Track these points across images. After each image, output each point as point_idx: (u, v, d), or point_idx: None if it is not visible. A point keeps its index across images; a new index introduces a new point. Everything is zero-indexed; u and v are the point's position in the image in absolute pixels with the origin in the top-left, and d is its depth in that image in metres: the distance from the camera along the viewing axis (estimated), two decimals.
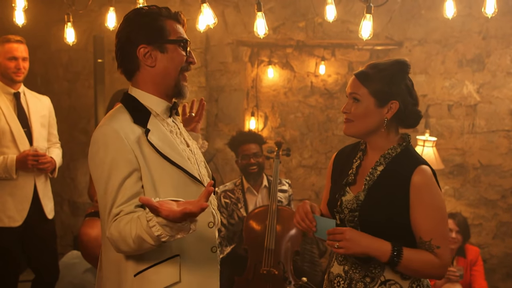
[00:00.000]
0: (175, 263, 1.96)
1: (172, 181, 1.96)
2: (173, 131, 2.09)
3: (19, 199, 3.69)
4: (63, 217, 5.95)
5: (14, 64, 3.71)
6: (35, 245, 3.85)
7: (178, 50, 2.04)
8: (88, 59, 5.58)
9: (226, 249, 4.15)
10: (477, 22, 5.10)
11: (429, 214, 1.99)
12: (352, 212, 2.07)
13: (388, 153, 2.10)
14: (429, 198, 2.00)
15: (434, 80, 5.23)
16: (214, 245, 2.05)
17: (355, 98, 2.09)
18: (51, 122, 3.98)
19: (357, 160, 2.19)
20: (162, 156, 1.94)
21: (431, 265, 1.99)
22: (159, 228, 1.75)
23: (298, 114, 5.78)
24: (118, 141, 1.90)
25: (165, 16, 2.06)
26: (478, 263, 4.30)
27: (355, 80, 2.10)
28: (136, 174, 1.91)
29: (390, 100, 2.07)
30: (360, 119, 2.08)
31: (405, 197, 2.00)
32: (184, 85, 2.07)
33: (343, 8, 5.20)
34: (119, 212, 1.86)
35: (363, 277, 2.07)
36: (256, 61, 5.78)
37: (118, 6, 4.09)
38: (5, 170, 3.59)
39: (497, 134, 5.17)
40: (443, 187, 5.26)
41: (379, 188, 2.06)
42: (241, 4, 5.46)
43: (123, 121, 1.97)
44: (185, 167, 1.98)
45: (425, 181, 2.00)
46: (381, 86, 2.06)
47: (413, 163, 2.04)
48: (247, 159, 4.27)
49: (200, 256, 2.01)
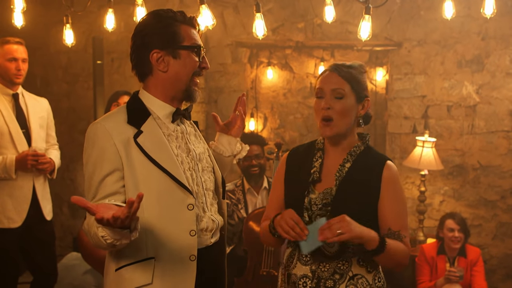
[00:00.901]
0: (150, 265, 1.97)
1: (157, 185, 1.97)
2: (173, 135, 2.08)
3: (18, 200, 3.68)
4: (63, 218, 5.95)
5: (15, 65, 3.70)
6: (33, 247, 3.84)
7: (191, 56, 2.07)
8: (87, 61, 5.58)
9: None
10: (476, 23, 5.10)
11: (397, 205, 2.11)
12: (324, 207, 2.10)
13: (353, 151, 2.17)
14: (397, 191, 2.12)
15: (433, 80, 5.23)
16: (193, 254, 2.01)
17: (339, 95, 2.11)
18: (49, 124, 3.98)
19: (318, 159, 2.21)
20: (149, 158, 1.96)
21: (404, 254, 2.09)
22: (102, 230, 1.77)
23: (297, 115, 5.78)
24: (105, 140, 1.94)
25: (180, 21, 2.08)
26: (479, 264, 4.29)
27: (334, 75, 2.12)
28: (118, 174, 1.94)
29: (365, 97, 2.16)
30: (342, 117, 2.10)
31: (377, 190, 2.10)
32: (194, 90, 2.10)
33: (342, 9, 5.20)
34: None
35: (332, 275, 2.09)
36: (255, 62, 5.78)
37: (117, 7, 4.10)
38: (4, 170, 3.59)
39: (497, 135, 5.17)
40: (442, 188, 5.27)
41: (350, 183, 2.11)
42: (240, 5, 5.46)
43: (117, 120, 2.01)
44: (172, 172, 1.98)
45: (393, 175, 2.12)
46: (358, 83, 2.14)
47: (381, 159, 2.16)
48: (249, 161, 4.27)
49: (176, 262, 1.99)
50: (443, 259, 4.31)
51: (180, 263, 2.00)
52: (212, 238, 2.14)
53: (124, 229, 1.75)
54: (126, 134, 1.96)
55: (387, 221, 2.10)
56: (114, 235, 1.76)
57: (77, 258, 4.61)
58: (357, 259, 2.11)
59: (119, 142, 1.94)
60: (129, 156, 1.95)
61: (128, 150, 1.95)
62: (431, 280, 4.29)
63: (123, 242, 1.81)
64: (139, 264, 1.98)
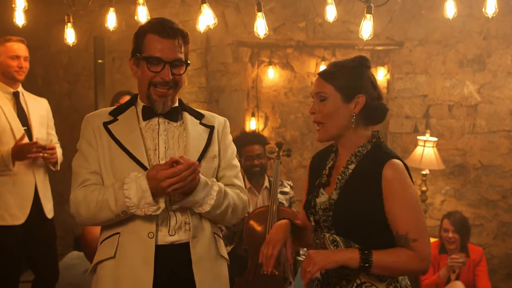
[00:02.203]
0: (115, 240, 2.15)
1: (121, 165, 2.14)
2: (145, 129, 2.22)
3: (21, 197, 3.68)
4: (64, 217, 5.94)
5: (17, 62, 3.72)
6: (35, 245, 3.84)
7: (144, 67, 2.15)
8: (88, 60, 5.58)
9: (226, 248, 4.14)
10: (478, 22, 5.09)
11: (402, 207, 1.96)
12: (326, 212, 2.06)
13: (358, 151, 2.08)
14: (401, 191, 1.97)
15: (434, 80, 5.22)
16: (151, 231, 2.11)
17: (322, 98, 2.07)
18: (49, 123, 3.98)
19: (330, 161, 2.19)
20: (115, 141, 2.16)
21: (408, 261, 1.96)
22: (130, 193, 2.02)
23: (298, 115, 5.78)
24: (86, 127, 2.22)
25: (150, 30, 2.16)
26: (482, 263, 4.28)
27: (320, 79, 2.10)
28: (95, 154, 2.18)
29: (356, 94, 2.06)
30: (329, 119, 2.07)
31: (378, 192, 1.98)
32: (154, 100, 2.18)
33: (344, 9, 5.20)
34: (86, 179, 2.16)
35: (339, 281, 2.06)
36: (256, 61, 5.78)
37: (118, 6, 4.10)
38: (2, 162, 3.58)
39: (498, 135, 5.16)
40: (444, 188, 5.26)
41: (351, 186, 2.04)
42: (241, 5, 5.46)
43: (101, 112, 2.28)
44: (134, 153, 2.14)
45: (396, 174, 1.98)
46: (345, 81, 2.06)
47: (383, 158, 2.02)
48: (250, 160, 4.27)
49: (136, 237, 2.12)
50: (445, 258, 4.30)
51: (140, 240, 2.11)
52: (172, 237, 2.15)
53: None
54: (100, 121, 2.20)
55: (394, 224, 1.98)
56: (138, 200, 2.02)
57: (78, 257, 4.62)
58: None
59: (95, 127, 2.20)
60: (101, 139, 2.17)
61: (100, 134, 2.18)
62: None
63: (137, 213, 2.05)
64: (107, 239, 2.17)
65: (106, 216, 2.08)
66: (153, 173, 2.01)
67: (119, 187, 2.05)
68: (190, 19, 5.34)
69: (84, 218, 2.14)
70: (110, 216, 2.08)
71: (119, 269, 2.11)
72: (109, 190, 2.07)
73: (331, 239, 2.06)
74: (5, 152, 3.60)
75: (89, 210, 2.10)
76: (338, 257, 1.95)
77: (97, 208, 2.08)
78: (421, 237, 1.97)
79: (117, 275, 2.11)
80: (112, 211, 2.06)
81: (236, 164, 2.38)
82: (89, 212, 2.11)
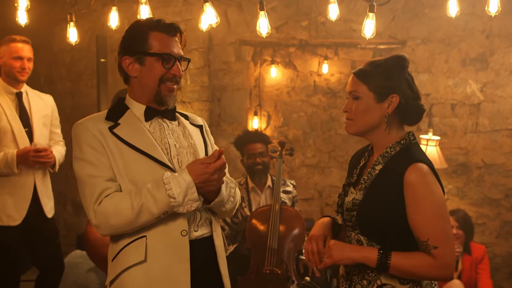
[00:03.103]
0: (142, 244, 2.07)
1: (139, 168, 2.08)
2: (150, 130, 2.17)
3: (19, 198, 3.69)
4: (66, 216, 5.96)
5: (20, 64, 3.71)
6: (38, 244, 3.85)
7: (156, 63, 2.13)
8: (90, 59, 5.59)
9: (229, 247, 4.15)
10: (481, 21, 5.08)
11: (424, 212, 1.92)
12: (349, 212, 2.06)
13: (386, 152, 2.06)
14: (424, 196, 1.92)
15: (437, 79, 5.21)
16: (184, 229, 2.10)
17: (355, 96, 2.07)
18: (53, 122, 3.98)
19: (363, 161, 2.18)
20: (127, 144, 2.08)
21: (426, 267, 1.92)
22: (173, 192, 1.98)
23: (301, 114, 5.78)
24: (85, 133, 2.10)
25: (152, 28, 2.15)
26: (484, 262, 4.28)
27: (354, 78, 2.09)
28: (107, 160, 2.08)
29: (390, 94, 2.03)
30: (360, 117, 2.06)
31: (400, 196, 1.95)
32: (165, 95, 2.17)
33: (346, 7, 5.19)
34: (106, 188, 2.04)
35: (361, 280, 2.06)
36: (259, 60, 5.78)
37: (120, 5, 4.10)
38: (6, 165, 3.59)
39: (501, 133, 5.15)
40: (446, 186, 5.25)
41: (376, 187, 2.03)
42: (243, 3, 5.45)
43: (95, 118, 2.16)
44: (151, 153, 2.09)
45: (419, 178, 1.93)
46: (379, 81, 2.04)
47: (408, 160, 1.98)
48: (253, 159, 4.27)
49: (167, 238, 2.08)
50: None
51: (172, 239, 2.08)
52: (196, 233, 2.16)
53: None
54: (102, 127, 2.10)
55: (415, 230, 1.95)
56: (183, 198, 2.00)
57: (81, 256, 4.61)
58: None
59: (98, 133, 2.09)
60: (108, 145, 2.07)
61: (106, 139, 2.08)
62: None
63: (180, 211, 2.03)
64: (131, 244, 2.08)
65: (145, 220, 2.02)
66: (201, 168, 2.02)
67: (156, 188, 2.00)
68: (192, 18, 5.34)
69: (116, 227, 2.04)
70: (149, 219, 2.02)
71: (152, 272, 2.06)
72: (145, 194, 2.00)
73: (356, 238, 2.07)
74: (9, 155, 3.60)
75: (124, 219, 2.01)
76: (355, 255, 1.98)
77: (134, 214, 2.00)
78: (444, 245, 1.92)
79: (150, 280, 2.06)
80: (152, 214, 2.01)
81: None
82: (123, 220, 2.01)
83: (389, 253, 1.94)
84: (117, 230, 2.06)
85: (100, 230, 2.07)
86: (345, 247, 2.01)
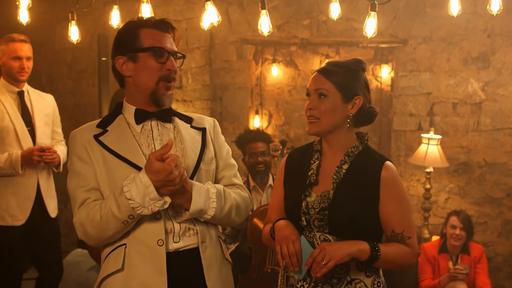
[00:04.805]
0: (121, 252, 2.04)
1: (121, 175, 2.00)
2: (140, 135, 2.11)
3: (22, 198, 3.69)
4: (68, 215, 5.96)
5: (18, 63, 3.70)
6: (39, 244, 3.85)
7: (149, 59, 2.06)
8: (92, 58, 5.59)
9: (230, 247, 4.15)
10: (482, 20, 5.08)
11: (399, 207, 2.07)
12: (322, 211, 2.07)
13: (351, 151, 2.13)
14: (398, 192, 2.08)
15: (438, 78, 5.21)
16: (161, 239, 2.02)
17: (321, 94, 2.10)
18: (55, 121, 3.98)
19: (315, 161, 2.19)
20: (110, 152, 2.04)
21: (405, 255, 2.08)
22: (132, 194, 1.91)
23: (302, 112, 5.77)
24: (74, 143, 2.09)
25: (143, 25, 2.09)
26: (482, 261, 4.30)
27: (320, 75, 2.12)
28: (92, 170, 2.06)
29: (355, 96, 2.10)
30: (326, 116, 2.09)
31: (375, 193, 2.06)
32: (162, 94, 2.09)
33: (348, 6, 5.19)
34: (86, 198, 2.04)
35: (329, 279, 2.06)
36: (260, 59, 5.78)
37: (122, 4, 4.10)
38: (10, 166, 3.59)
39: (502, 132, 5.15)
40: (448, 185, 5.26)
41: (347, 185, 2.08)
42: (245, 2, 5.45)
43: (87, 127, 2.14)
44: (134, 161, 2.03)
45: (392, 176, 2.08)
46: (346, 81, 2.09)
47: (379, 160, 2.11)
48: (254, 158, 4.27)
49: (145, 247, 2.02)
50: (445, 257, 4.31)
51: (148, 248, 2.02)
52: (177, 244, 2.07)
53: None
54: (89, 135, 2.08)
55: (390, 224, 2.08)
56: (142, 199, 1.91)
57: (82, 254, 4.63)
58: (356, 264, 2.07)
59: (85, 142, 2.07)
60: (94, 153, 2.05)
61: (92, 149, 2.06)
62: (434, 279, 4.29)
63: (143, 213, 1.94)
64: (113, 252, 2.06)
65: (113, 226, 1.96)
66: (158, 165, 1.90)
67: (120, 193, 1.94)
68: (194, 17, 5.34)
69: (93, 236, 2.01)
70: (117, 225, 1.96)
71: (129, 281, 2.01)
72: (110, 199, 1.96)
73: (323, 238, 2.07)
74: (14, 155, 3.61)
75: (95, 226, 1.98)
76: (352, 249, 2.00)
77: (103, 221, 1.96)
78: (414, 235, 2.10)
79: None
80: (117, 219, 1.94)
81: (233, 163, 2.35)
82: (95, 228, 1.98)
83: (378, 246, 2.02)
84: (97, 239, 2.03)
85: (86, 240, 2.07)
86: (339, 245, 2.01)
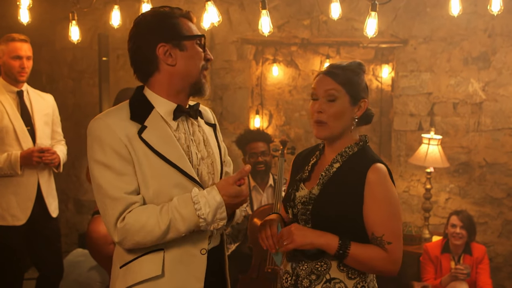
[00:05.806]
0: (159, 256, 1.96)
1: (167, 180, 1.94)
2: (179, 131, 2.03)
3: (23, 198, 3.69)
4: (68, 215, 5.97)
5: (19, 63, 3.70)
6: (39, 244, 3.85)
7: (196, 47, 2.03)
8: (92, 57, 5.59)
9: (230, 246, 4.15)
10: (483, 20, 5.08)
11: (381, 210, 2.02)
12: (305, 206, 2.09)
13: (345, 151, 2.12)
14: (382, 194, 2.02)
15: (439, 78, 5.21)
16: (204, 248, 2.02)
17: (331, 98, 2.08)
18: (54, 120, 3.98)
19: (314, 158, 2.23)
20: (156, 153, 1.92)
21: (380, 260, 2.01)
22: (203, 212, 1.88)
23: (302, 112, 5.78)
24: (111, 135, 1.89)
25: (178, 15, 2.05)
26: (484, 261, 4.30)
27: (327, 78, 2.10)
28: (132, 168, 1.91)
29: (361, 99, 2.10)
30: (334, 120, 2.08)
31: (360, 193, 2.03)
32: (204, 83, 2.07)
33: (348, 6, 5.18)
34: (132, 203, 1.89)
35: (309, 274, 2.08)
36: (260, 59, 5.78)
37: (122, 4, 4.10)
38: (9, 166, 3.59)
39: (503, 132, 5.15)
40: (448, 185, 5.25)
41: (334, 184, 2.08)
42: (245, 2, 5.45)
43: (119, 116, 1.95)
44: (181, 166, 1.95)
45: (379, 178, 2.03)
46: (353, 84, 2.09)
47: (368, 161, 2.07)
48: (254, 157, 4.27)
49: (186, 255, 1.99)
50: (448, 257, 4.31)
51: (191, 256, 1.99)
52: (210, 244, 2.07)
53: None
54: (129, 129, 1.91)
55: (371, 226, 2.03)
56: (212, 217, 1.90)
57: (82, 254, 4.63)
58: (337, 263, 2.06)
59: (124, 137, 1.89)
60: (135, 151, 1.90)
61: (133, 145, 1.90)
62: (436, 279, 4.29)
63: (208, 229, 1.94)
64: (147, 256, 1.96)
65: (170, 238, 1.90)
66: (235, 190, 1.93)
67: (184, 206, 1.88)
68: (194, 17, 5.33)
69: (141, 243, 1.91)
70: (175, 237, 1.91)
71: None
72: (171, 211, 1.88)
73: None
74: (13, 156, 3.60)
75: (150, 236, 1.88)
76: (316, 240, 2.01)
77: (161, 232, 1.88)
78: (396, 242, 2.03)
79: None
80: (180, 232, 1.89)
81: (230, 160, 2.38)
82: (149, 238, 1.88)
83: (349, 243, 2.00)
84: (142, 246, 1.92)
85: (123, 245, 1.94)
86: (307, 231, 2.03)
